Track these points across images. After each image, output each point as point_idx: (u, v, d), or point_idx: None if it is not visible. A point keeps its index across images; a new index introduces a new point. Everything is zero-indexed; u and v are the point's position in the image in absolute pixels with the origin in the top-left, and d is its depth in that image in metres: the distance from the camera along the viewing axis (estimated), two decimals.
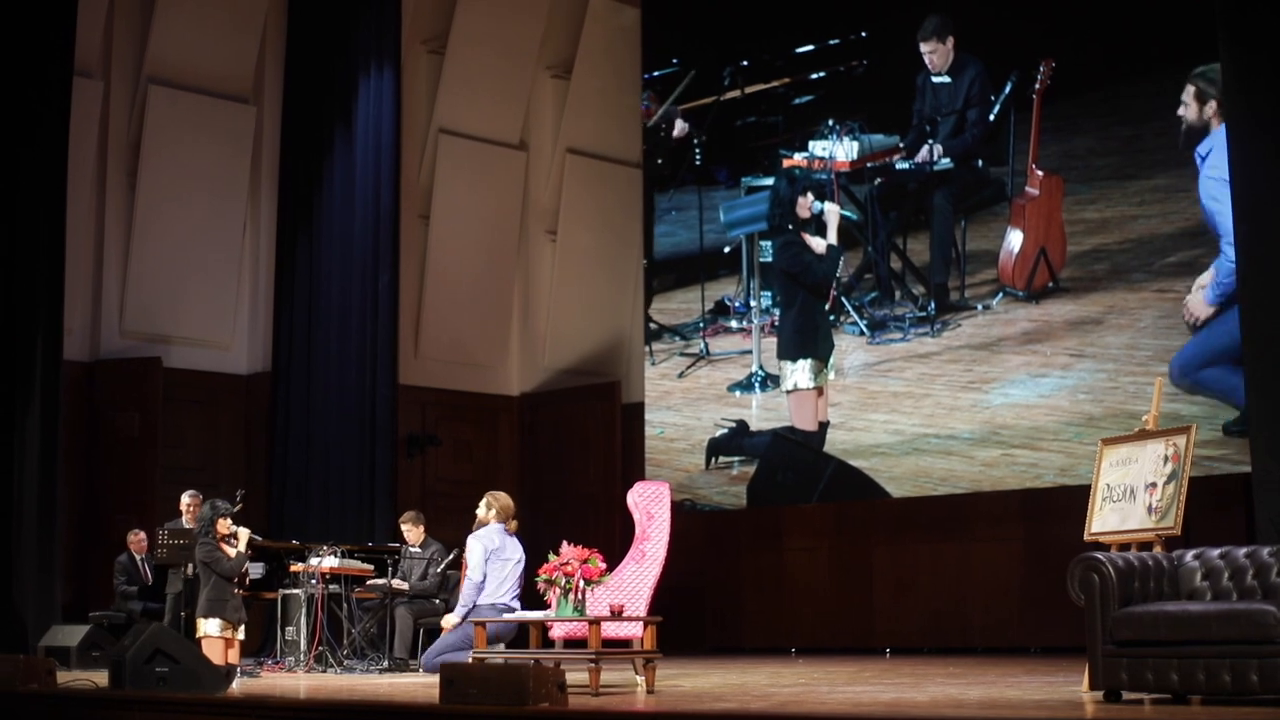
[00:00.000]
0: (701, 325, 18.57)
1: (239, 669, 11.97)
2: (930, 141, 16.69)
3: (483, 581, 11.76)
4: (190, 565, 13.56)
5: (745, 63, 18.55)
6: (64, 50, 15.70)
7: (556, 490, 20.13)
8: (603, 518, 18.90)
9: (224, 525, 12.12)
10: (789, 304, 17.64)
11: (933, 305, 16.56)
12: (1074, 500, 12.29)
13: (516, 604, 11.87)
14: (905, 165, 16.92)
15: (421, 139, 19.75)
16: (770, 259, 17.87)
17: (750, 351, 18.01)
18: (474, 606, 11.71)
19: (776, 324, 17.72)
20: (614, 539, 16.86)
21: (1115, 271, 15.39)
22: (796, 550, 18.04)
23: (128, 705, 9.31)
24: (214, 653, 11.73)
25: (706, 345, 18.47)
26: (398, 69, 18.34)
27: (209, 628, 11.88)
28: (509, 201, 20.45)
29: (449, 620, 12.11)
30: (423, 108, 19.75)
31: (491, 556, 11.75)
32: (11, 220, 15.19)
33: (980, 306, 16.22)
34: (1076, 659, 9.25)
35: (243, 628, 12.10)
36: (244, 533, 12.31)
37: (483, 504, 12.17)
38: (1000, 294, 16.11)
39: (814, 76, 17.93)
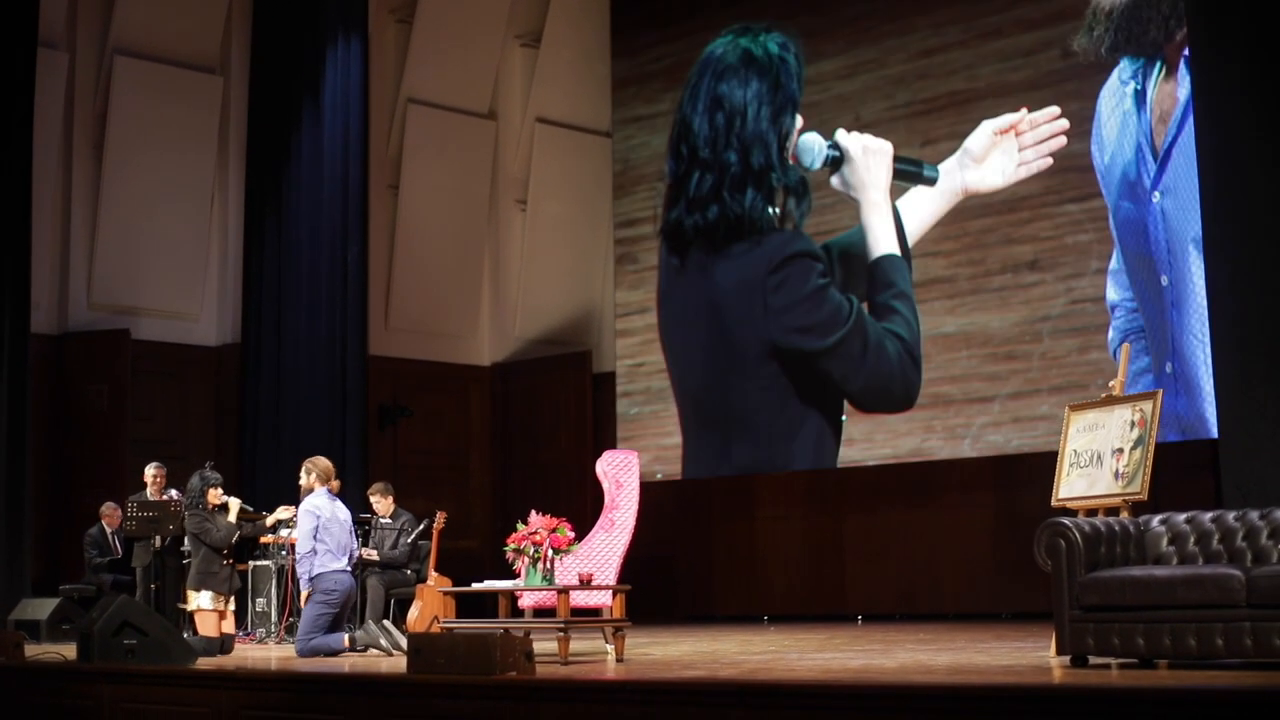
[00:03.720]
0: None
1: (234, 639, 11.96)
2: None
3: (311, 552, 11.61)
4: (160, 538, 13.58)
5: None
6: (28, 22, 15.60)
7: (528, 460, 20.16)
8: (574, 487, 18.90)
9: (214, 495, 12.12)
10: None
11: None
12: (1045, 466, 12.31)
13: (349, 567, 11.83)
14: None
15: (390, 109, 19.68)
16: None
17: None
18: (317, 575, 11.57)
19: None
20: (586, 508, 16.83)
21: None
22: (769, 519, 18.09)
23: (96, 678, 9.29)
24: (207, 625, 11.76)
25: None
26: (365, 38, 18.26)
27: (201, 600, 11.87)
28: (478, 171, 20.40)
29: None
30: (391, 77, 19.68)
31: (322, 525, 11.60)
32: None
33: None
34: (1046, 625, 9.27)
35: (232, 597, 12.08)
36: (235, 503, 12.30)
37: (303, 472, 11.98)
38: None
39: None
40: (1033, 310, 15.59)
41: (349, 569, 11.72)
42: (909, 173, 16.29)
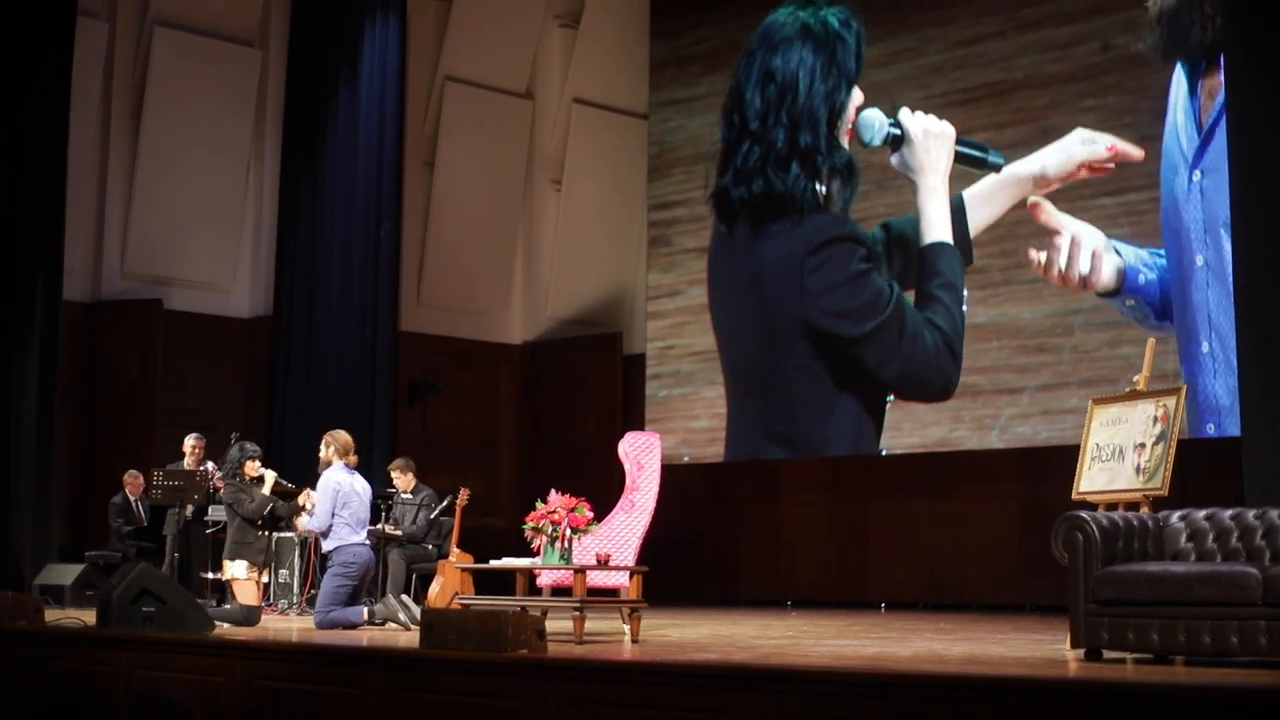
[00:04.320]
0: None
1: (260, 610, 12.02)
2: None
3: (328, 530, 11.69)
4: (189, 507, 13.67)
5: None
6: None
7: (556, 440, 20.14)
8: (602, 468, 18.83)
9: (251, 468, 12.26)
10: None
11: None
12: (1072, 459, 12.26)
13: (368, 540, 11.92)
14: None
15: (427, 86, 19.68)
16: None
17: None
18: (336, 548, 11.64)
19: None
20: (612, 490, 16.74)
21: None
22: (794, 504, 18.06)
23: (114, 644, 9.33)
24: (245, 594, 11.86)
25: None
26: (404, 15, 18.31)
27: (235, 570, 11.99)
28: (514, 150, 20.39)
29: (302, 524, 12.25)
30: (429, 54, 19.67)
31: (342, 497, 11.64)
32: (14, 160, 15.18)
33: None
34: (1067, 618, 9.23)
35: (268, 568, 12.17)
36: (270, 476, 12.45)
37: (322, 444, 12.03)
38: None
39: None
40: (1064, 303, 15.50)
41: (368, 542, 11.77)
42: (972, 158, 16.01)
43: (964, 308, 15.94)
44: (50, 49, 15.49)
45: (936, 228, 16.03)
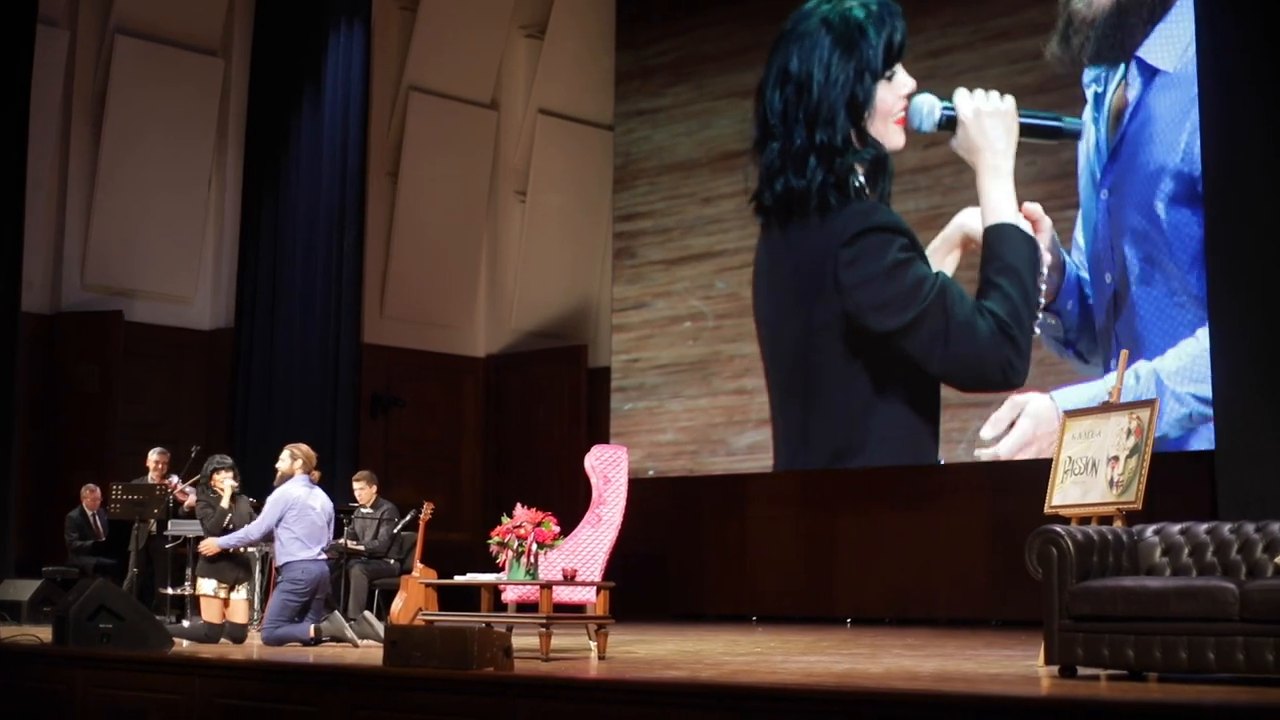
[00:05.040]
0: None
1: (231, 627, 11.72)
2: None
3: (260, 538, 11.57)
4: (150, 521, 13.47)
5: None
6: None
7: (521, 453, 20.03)
8: (567, 482, 18.73)
9: (217, 480, 11.99)
10: None
11: None
12: (1040, 473, 12.19)
13: (322, 555, 11.65)
14: None
15: (391, 96, 19.56)
16: None
17: None
18: (285, 564, 11.45)
19: None
20: (577, 504, 16.62)
21: None
22: (761, 518, 17.97)
23: (71, 662, 9.18)
24: (210, 611, 11.59)
25: None
26: (368, 24, 18.14)
27: (204, 587, 11.73)
28: (479, 161, 20.27)
29: (210, 544, 11.67)
30: (393, 64, 19.55)
31: (296, 514, 11.46)
32: None
33: None
34: (1037, 633, 9.13)
35: (243, 587, 11.86)
36: (227, 487, 11.97)
37: (286, 455, 11.81)
38: None
39: None
40: None
41: (322, 558, 11.59)
42: (1044, 128, 15.37)
43: (1036, 291, 15.19)
44: (9, 57, 15.34)
45: (997, 208, 15.48)
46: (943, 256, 15.81)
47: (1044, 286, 15.05)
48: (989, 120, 15.57)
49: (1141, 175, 14.36)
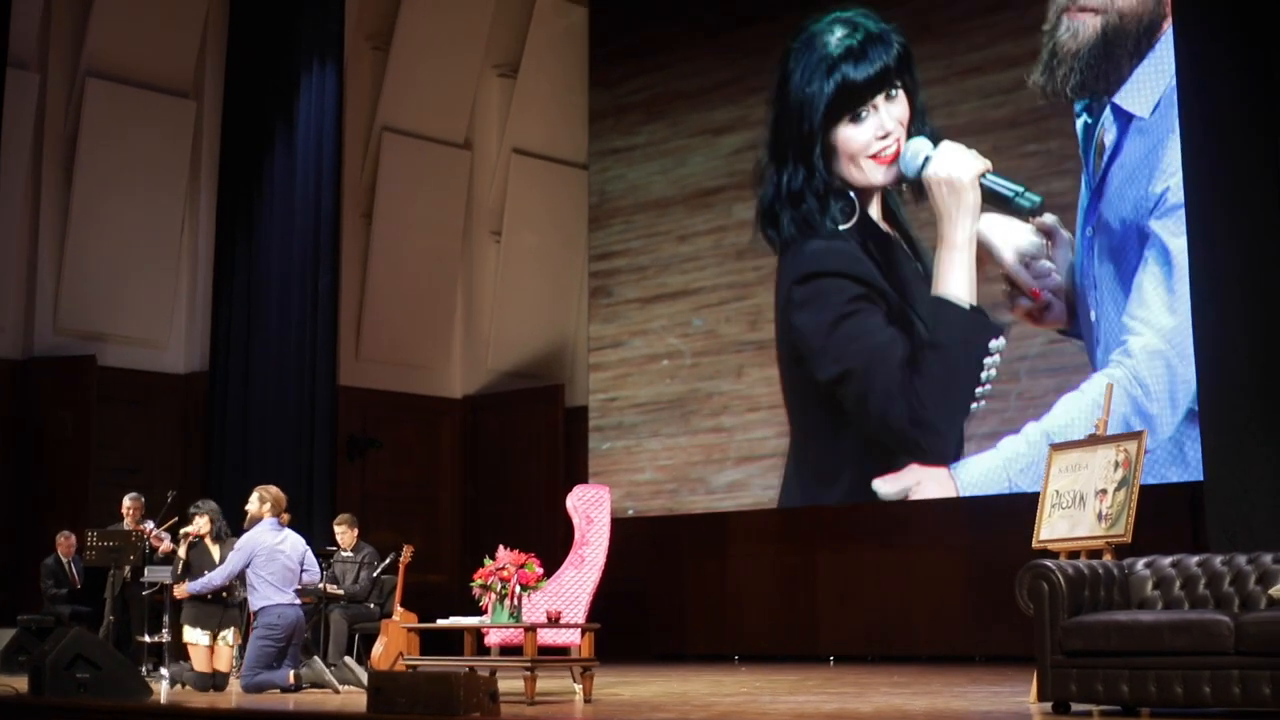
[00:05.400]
0: None
1: (227, 677, 11.59)
2: None
3: (222, 584, 11.45)
4: (125, 568, 13.32)
5: None
6: None
7: (499, 494, 19.92)
8: (545, 523, 18.65)
9: (195, 525, 11.96)
10: None
11: None
12: (1020, 507, 12.14)
13: (296, 599, 11.53)
14: None
15: (365, 136, 19.49)
16: None
17: None
18: (260, 609, 11.34)
19: None
20: (556, 544, 16.57)
21: None
22: (740, 557, 17.89)
23: (48, 712, 9.04)
24: (198, 659, 11.49)
25: None
26: (341, 65, 18.04)
27: (191, 635, 11.61)
28: (453, 201, 20.20)
29: (180, 589, 11.66)
30: (366, 105, 19.49)
31: (264, 560, 11.34)
32: None
33: None
34: (1022, 668, 9.08)
35: (231, 632, 11.73)
36: (189, 530, 11.99)
37: (254, 498, 11.70)
38: None
39: None
40: (1012, 349, 15.37)
41: (296, 602, 11.45)
42: (999, 196, 15.12)
43: (983, 365, 15.03)
44: None
45: (944, 280, 15.33)
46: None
47: (1054, 302, 14.90)
48: (948, 191, 15.39)
49: (1116, 219, 14.36)
